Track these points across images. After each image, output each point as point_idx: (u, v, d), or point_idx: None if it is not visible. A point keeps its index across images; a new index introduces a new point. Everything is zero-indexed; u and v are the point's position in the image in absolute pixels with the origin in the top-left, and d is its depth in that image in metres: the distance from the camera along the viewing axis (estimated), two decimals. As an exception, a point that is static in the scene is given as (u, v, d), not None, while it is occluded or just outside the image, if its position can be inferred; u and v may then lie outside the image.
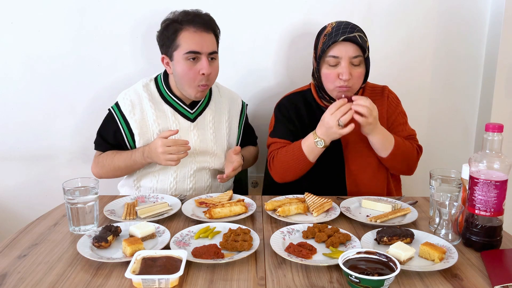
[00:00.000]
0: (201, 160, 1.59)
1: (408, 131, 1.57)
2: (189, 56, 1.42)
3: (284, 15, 1.92)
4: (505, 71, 1.91)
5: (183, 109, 1.55)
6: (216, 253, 1.00)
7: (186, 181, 1.58)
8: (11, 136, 1.98)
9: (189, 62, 1.43)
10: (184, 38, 1.42)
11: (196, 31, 1.42)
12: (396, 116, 1.57)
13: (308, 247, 1.04)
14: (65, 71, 1.93)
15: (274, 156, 1.53)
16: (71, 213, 1.17)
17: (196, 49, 1.42)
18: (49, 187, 1.99)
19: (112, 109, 1.56)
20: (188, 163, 1.56)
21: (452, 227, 1.10)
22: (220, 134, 1.62)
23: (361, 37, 1.41)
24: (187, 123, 1.56)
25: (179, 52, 1.43)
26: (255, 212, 1.31)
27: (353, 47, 1.39)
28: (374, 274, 0.86)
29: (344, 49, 1.39)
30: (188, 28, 1.42)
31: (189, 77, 1.45)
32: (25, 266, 1.00)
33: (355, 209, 1.33)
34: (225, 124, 1.64)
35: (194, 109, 1.57)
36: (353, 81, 1.42)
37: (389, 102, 1.58)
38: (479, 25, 1.96)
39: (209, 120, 1.60)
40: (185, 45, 1.42)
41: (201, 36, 1.43)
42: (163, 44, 1.48)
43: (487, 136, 1.04)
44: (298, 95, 1.61)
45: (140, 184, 1.60)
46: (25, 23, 1.88)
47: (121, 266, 0.98)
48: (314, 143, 1.39)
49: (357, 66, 1.42)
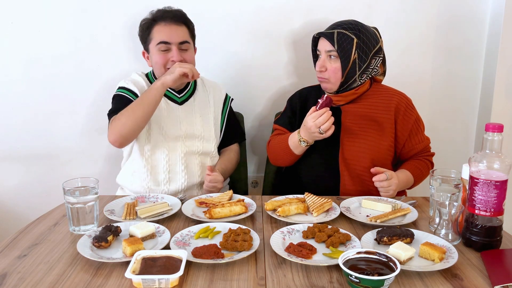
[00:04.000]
0: (189, 144, 1.65)
1: (424, 142, 1.60)
2: (161, 47, 1.57)
3: (284, 15, 1.92)
4: (505, 71, 1.92)
5: (171, 94, 1.67)
6: (216, 253, 1.00)
7: (178, 163, 1.62)
8: (11, 136, 1.98)
9: (161, 52, 1.57)
10: (156, 31, 1.58)
11: (166, 24, 1.58)
12: (411, 128, 1.57)
13: (308, 247, 1.04)
14: (65, 71, 1.93)
15: (270, 141, 1.68)
16: (71, 213, 1.17)
17: (165, 39, 1.56)
18: (49, 187, 1.99)
19: (118, 91, 1.63)
20: (178, 147, 1.63)
21: (452, 227, 1.10)
22: (207, 118, 1.71)
23: (341, 33, 1.49)
24: (175, 105, 1.67)
25: (152, 44, 1.59)
26: (255, 212, 1.31)
27: (327, 42, 1.51)
28: (374, 274, 0.86)
29: (322, 44, 1.55)
30: (160, 22, 1.58)
31: (161, 65, 1.58)
32: (25, 266, 1.00)
33: (355, 209, 1.33)
34: (210, 109, 1.73)
35: (181, 94, 1.69)
36: (328, 74, 1.53)
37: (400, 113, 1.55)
38: (479, 25, 1.97)
39: (195, 105, 1.70)
40: (157, 37, 1.57)
41: (170, 28, 1.57)
42: (141, 41, 1.65)
43: (487, 136, 1.04)
44: (310, 89, 1.73)
45: (135, 169, 1.63)
46: (25, 23, 1.88)
47: (121, 266, 0.98)
48: (298, 141, 1.48)
49: (332, 60, 1.52)
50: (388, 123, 1.54)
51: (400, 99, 1.58)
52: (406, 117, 1.56)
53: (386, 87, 1.63)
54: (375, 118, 1.55)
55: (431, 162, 1.62)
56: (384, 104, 1.56)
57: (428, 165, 1.60)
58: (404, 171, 1.54)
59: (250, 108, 2.02)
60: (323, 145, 1.51)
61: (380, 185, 1.43)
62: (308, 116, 1.42)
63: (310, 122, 1.40)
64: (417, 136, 1.58)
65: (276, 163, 1.68)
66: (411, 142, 1.58)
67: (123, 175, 1.69)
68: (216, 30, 1.93)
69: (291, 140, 1.52)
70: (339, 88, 1.56)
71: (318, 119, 1.38)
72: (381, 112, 1.55)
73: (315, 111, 1.40)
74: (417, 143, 1.58)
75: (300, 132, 1.48)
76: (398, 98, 1.58)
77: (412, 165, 1.57)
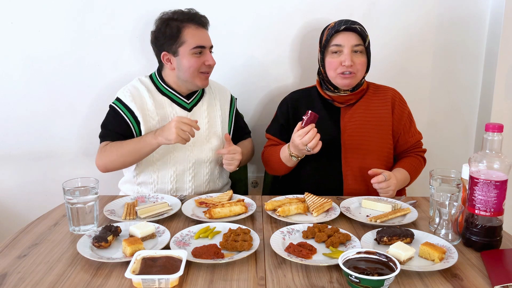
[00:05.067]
0: (198, 153, 1.62)
1: (415, 136, 1.64)
2: (196, 51, 1.54)
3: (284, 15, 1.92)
4: (505, 71, 1.91)
5: (180, 100, 1.62)
6: (216, 253, 1.00)
7: (186, 173, 1.60)
8: (11, 136, 1.98)
9: (195, 56, 1.54)
10: (189, 34, 1.53)
11: (197, 27, 1.55)
12: (404, 122, 1.62)
13: (308, 247, 1.04)
14: (65, 71, 1.93)
15: (264, 152, 1.69)
16: (71, 213, 1.17)
17: (202, 44, 1.54)
18: (49, 187, 1.99)
19: (114, 104, 1.59)
20: (186, 157, 1.60)
21: (452, 227, 1.10)
22: (214, 122, 1.68)
23: (361, 29, 1.52)
24: (184, 112, 1.62)
25: (185, 48, 1.53)
26: (255, 212, 1.31)
27: (355, 36, 1.50)
28: (374, 274, 0.86)
29: (346, 38, 1.51)
30: (190, 25, 1.54)
31: (196, 69, 1.55)
32: (25, 266, 1.00)
33: (355, 209, 1.33)
34: (217, 113, 1.70)
35: (190, 99, 1.64)
36: (356, 68, 1.51)
37: (396, 107, 1.61)
38: (479, 25, 1.96)
39: (203, 110, 1.66)
40: (191, 41, 1.53)
41: (203, 32, 1.57)
42: (163, 42, 1.55)
43: (487, 136, 1.04)
44: (302, 92, 1.71)
45: (141, 181, 1.60)
46: (25, 23, 1.87)
47: (121, 266, 0.98)
48: (289, 156, 1.48)
49: (359, 54, 1.52)
50: (386, 118, 1.58)
51: (394, 93, 1.64)
52: (400, 110, 1.61)
53: (377, 84, 1.68)
54: (374, 114, 1.58)
55: (424, 158, 1.66)
56: (381, 99, 1.61)
57: (421, 161, 1.63)
58: (401, 170, 1.54)
59: (250, 108, 2.02)
60: (324, 146, 1.51)
61: (379, 187, 1.43)
62: (295, 133, 1.40)
63: (297, 140, 1.38)
64: (410, 130, 1.63)
65: (272, 173, 1.69)
66: (405, 135, 1.61)
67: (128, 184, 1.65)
68: (216, 31, 1.92)
69: (282, 154, 1.52)
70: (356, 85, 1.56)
71: (304, 137, 1.37)
72: (379, 107, 1.59)
73: (301, 127, 1.39)
74: (410, 136, 1.62)
75: (290, 147, 1.47)
76: (392, 92, 1.64)
77: (407, 162, 1.59)
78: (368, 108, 1.59)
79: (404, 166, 1.56)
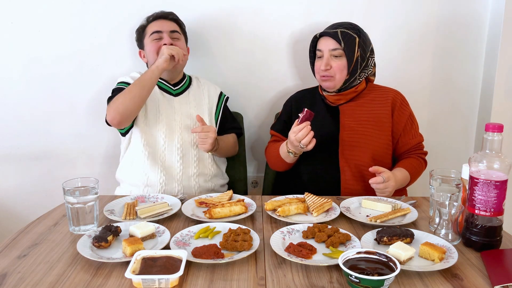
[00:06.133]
0: (186, 136, 1.69)
1: (416, 138, 1.64)
2: (154, 36, 1.67)
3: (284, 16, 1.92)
4: (505, 71, 1.91)
5: (166, 86, 1.74)
6: (216, 253, 1.00)
7: (174, 154, 1.66)
8: (11, 136, 1.98)
9: (154, 41, 1.67)
10: (149, 27, 1.71)
11: (157, 20, 1.71)
12: (405, 124, 1.62)
13: (308, 247, 1.04)
14: (65, 71, 1.93)
15: (267, 148, 1.74)
16: (71, 213, 1.17)
17: (157, 29, 1.67)
18: (49, 187, 1.99)
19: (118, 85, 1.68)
20: (174, 138, 1.67)
21: (452, 227, 1.10)
22: (201, 110, 1.75)
23: (344, 32, 1.55)
24: (171, 96, 1.74)
25: (147, 38, 1.70)
26: (255, 212, 1.31)
27: (331, 40, 1.56)
28: (374, 274, 0.86)
29: (325, 43, 1.58)
30: (152, 21, 1.71)
31: (155, 52, 1.66)
32: (25, 266, 1.00)
33: (355, 209, 1.33)
34: (205, 101, 1.78)
35: (176, 87, 1.76)
36: (334, 71, 1.57)
37: (396, 108, 1.61)
38: (479, 25, 1.96)
39: (190, 97, 1.76)
40: (149, 30, 1.70)
41: (161, 21, 1.70)
42: (138, 42, 1.77)
43: (487, 136, 1.04)
44: (306, 91, 1.77)
45: (133, 159, 1.66)
46: (25, 23, 1.88)
47: (121, 266, 0.98)
48: (287, 152, 1.52)
49: (337, 58, 1.57)
50: (385, 118, 1.59)
51: (396, 95, 1.65)
52: (401, 111, 1.61)
53: (380, 86, 1.70)
54: (373, 114, 1.59)
55: (425, 160, 1.66)
56: (381, 100, 1.62)
57: (422, 163, 1.63)
58: (401, 169, 1.55)
59: (250, 109, 2.02)
60: (323, 144, 1.53)
61: (376, 187, 1.44)
62: (291, 130, 1.45)
63: (292, 137, 1.43)
64: (411, 132, 1.63)
65: (274, 168, 1.73)
66: (405, 137, 1.62)
67: (122, 168, 1.71)
68: (216, 31, 1.93)
69: (281, 150, 1.57)
70: (341, 87, 1.59)
71: (298, 134, 1.41)
72: (379, 108, 1.61)
73: (297, 125, 1.42)
74: (410, 138, 1.62)
75: (287, 144, 1.51)
76: (394, 94, 1.65)
77: (408, 163, 1.59)
78: (367, 108, 1.61)
79: (405, 166, 1.57)
